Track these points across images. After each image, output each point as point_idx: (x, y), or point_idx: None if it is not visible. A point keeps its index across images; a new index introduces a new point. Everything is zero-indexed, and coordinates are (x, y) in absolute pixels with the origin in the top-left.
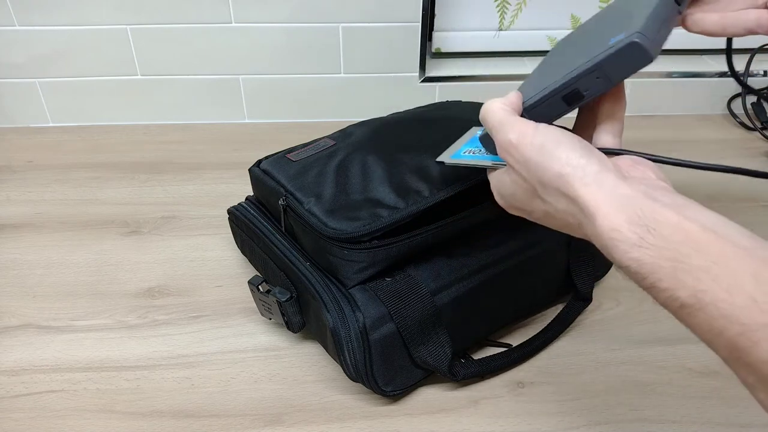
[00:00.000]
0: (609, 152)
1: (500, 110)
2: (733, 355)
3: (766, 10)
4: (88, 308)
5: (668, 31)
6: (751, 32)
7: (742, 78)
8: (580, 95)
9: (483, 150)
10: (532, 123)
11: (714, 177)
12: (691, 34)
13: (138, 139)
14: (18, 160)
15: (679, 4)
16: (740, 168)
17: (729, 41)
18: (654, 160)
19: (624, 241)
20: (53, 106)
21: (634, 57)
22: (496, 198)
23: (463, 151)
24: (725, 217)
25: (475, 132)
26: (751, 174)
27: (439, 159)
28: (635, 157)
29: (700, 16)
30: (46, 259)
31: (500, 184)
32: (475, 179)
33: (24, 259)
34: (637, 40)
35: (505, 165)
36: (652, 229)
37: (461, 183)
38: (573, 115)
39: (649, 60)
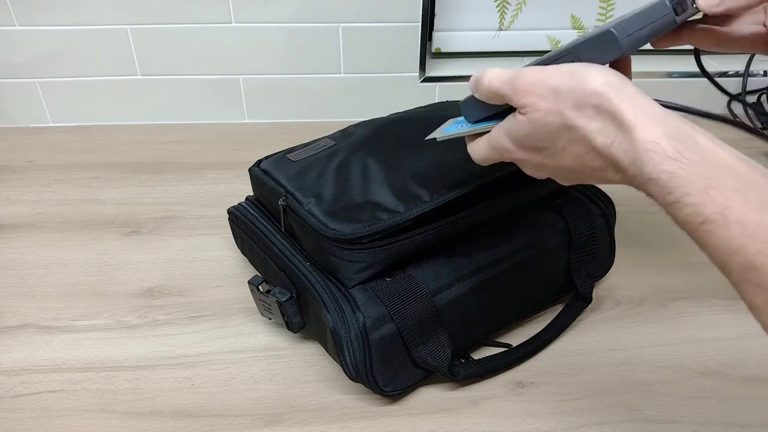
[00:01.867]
0: None
1: (502, 71)
2: (746, 276)
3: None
4: (88, 308)
5: (652, 35)
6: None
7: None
8: None
9: (467, 125)
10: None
11: None
12: None
13: (138, 139)
14: (18, 160)
15: (677, 14)
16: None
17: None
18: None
19: (659, 153)
20: (53, 106)
21: (605, 45)
22: (506, 144)
23: (452, 129)
24: None
25: (454, 120)
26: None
27: (429, 137)
28: None
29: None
30: (46, 259)
31: (512, 127)
32: (475, 183)
33: (24, 259)
34: (612, 30)
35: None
36: (690, 146)
37: (461, 188)
38: None
39: (619, 51)
